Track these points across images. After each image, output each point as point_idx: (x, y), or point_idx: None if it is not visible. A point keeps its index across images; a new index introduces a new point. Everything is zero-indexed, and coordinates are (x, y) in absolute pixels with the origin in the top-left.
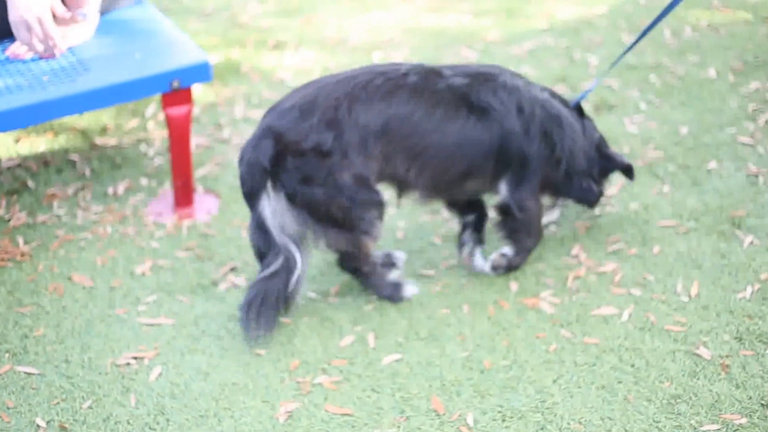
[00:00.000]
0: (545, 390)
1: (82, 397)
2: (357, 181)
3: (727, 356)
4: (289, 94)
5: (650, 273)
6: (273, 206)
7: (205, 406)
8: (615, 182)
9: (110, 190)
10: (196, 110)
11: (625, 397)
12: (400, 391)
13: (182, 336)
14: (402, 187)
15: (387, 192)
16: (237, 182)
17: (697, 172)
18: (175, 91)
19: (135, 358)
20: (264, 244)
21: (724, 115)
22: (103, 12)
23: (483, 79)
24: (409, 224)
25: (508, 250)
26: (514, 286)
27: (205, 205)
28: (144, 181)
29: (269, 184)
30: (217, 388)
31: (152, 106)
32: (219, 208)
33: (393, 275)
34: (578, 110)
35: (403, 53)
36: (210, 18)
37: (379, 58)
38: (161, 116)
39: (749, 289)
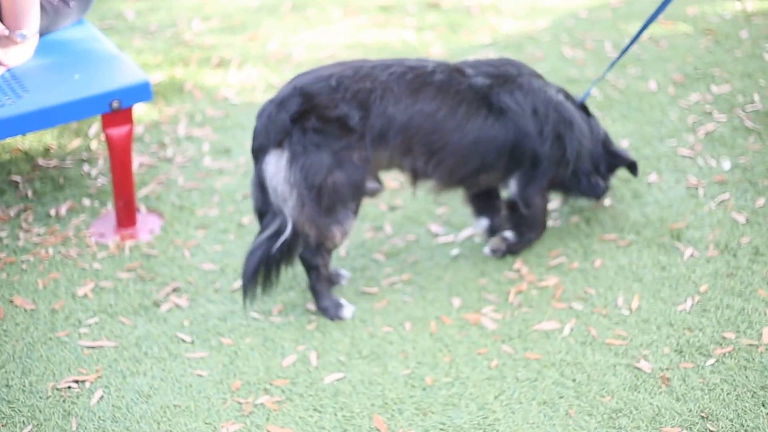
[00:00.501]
0: (487, 406)
1: (23, 422)
2: (362, 164)
3: (667, 369)
4: (325, 66)
5: (591, 287)
6: (275, 164)
7: (147, 429)
8: (555, 197)
9: (52, 212)
10: (139, 129)
11: (566, 412)
12: (342, 410)
13: (124, 358)
14: (417, 176)
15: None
16: (180, 201)
17: (638, 185)
18: (115, 112)
19: (76, 381)
20: (264, 204)
21: (664, 127)
22: (43, 33)
23: (503, 80)
24: (351, 242)
25: (509, 234)
26: (456, 302)
27: (147, 225)
28: (87, 202)
29: (278, 142)
30: (159, 410)
31: (95, 126)
32: (162, 228)
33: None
34: (584, 109)
35: None
36: (154, 36)
37: None
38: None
39: (689, 302)
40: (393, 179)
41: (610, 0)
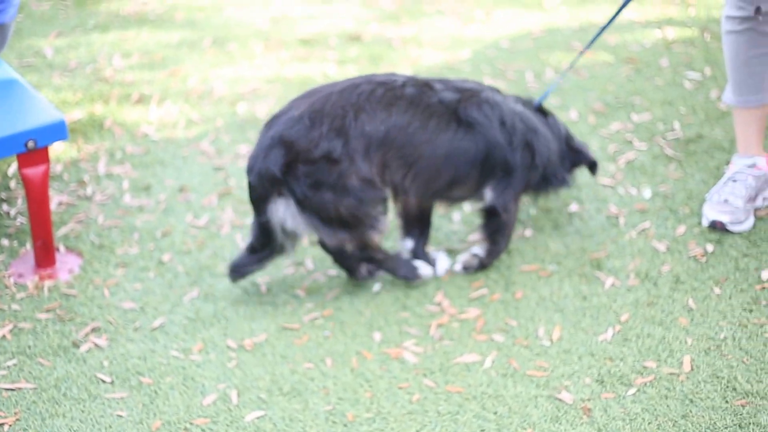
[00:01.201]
0: None
1: None
2: (363, 182)
3: (588, 399)
4: (292, 103)
5: (512, 318)
6: (284, 211)
7: None
8: (475, 230)
9: None
10: (58, 167)
11: None
12: None
13: (43, 400)
14: (397, 191)
15: None
16: (99, 240)
17: (558, 215)
18: (30, 152)
19: None
20: (261, 244)
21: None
22: None
23: (469, 94)
24: (272, 278)
25: (479, 250)
26: (377, 336)
27: (67, 265)
28: (5, 242)
29: (277, 191)
30: None
31: (14, 165)
32: (81, 267)
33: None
34: (540, 110)
35: (268, 104)
36: (73, 73)
37: (243, 109)
38: None
39: (610, 331)
40: None
41: (531, 30)
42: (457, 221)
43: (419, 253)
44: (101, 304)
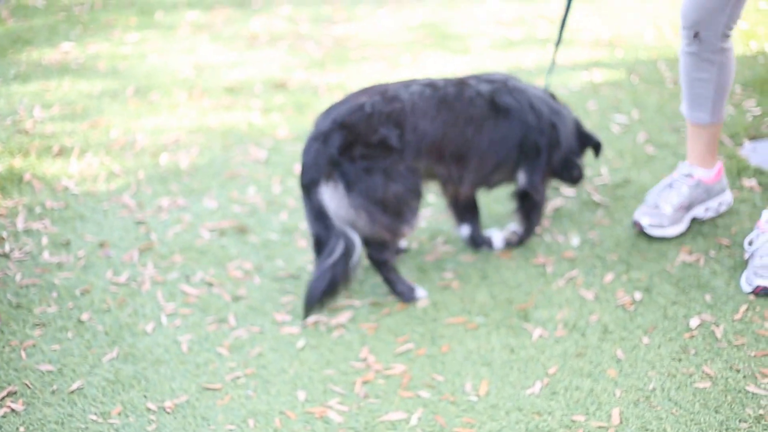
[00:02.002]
0: None
1: None
2: (411, 173)
3: None
4: (349, 96)
5: (439, 373)
6: (332, 195)
7: None
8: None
9: None
10: None
11: None
12: None
13: None
14: (451, 182)
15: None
16: (17, 299)
17: (485, 265)
18: None
19: None
20: (324, 232)
21: (511, 204)
22: None
23: (500, 84)
24: (193, 336)
25: (516, 227)
26: (301, 395)
27: None
28: None
29: (329, 174)
30: None
31: None
32: None
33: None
34: (553, 98)
35: (190, 154)
36: None
37: (166, 160)
38: None
39: (538, 385)
40: (236, 268)
41: (458, 74)
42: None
43: (476, 236)
44: (18, 366)
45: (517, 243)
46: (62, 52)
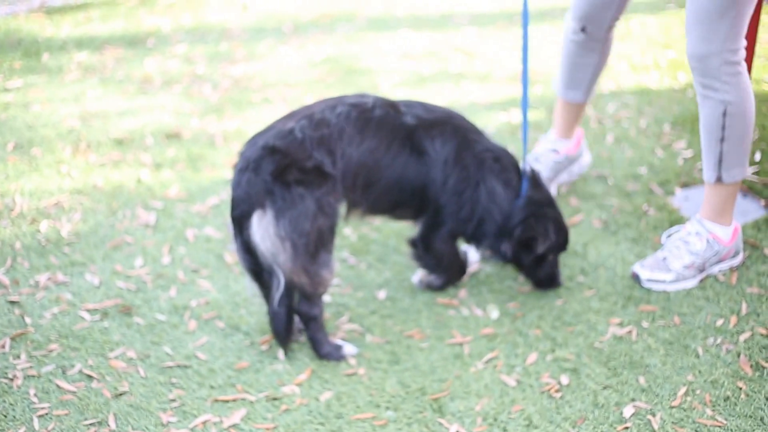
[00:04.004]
0: None
1: None
2: (336, 206)
3: None
4: (275, 123)
5: None
6: (259, 223)
7: None
8: (304, 370)
9: None
10: None
11: None
12: None
13: None
14: (351, 205)
15: None
16: None
17: (396, 346)
18: None
19: None
20: (254, 264)
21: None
22: None
23: (430, 123)
24: None
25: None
26: None
27: None
28: None
29: (262, 204)
30: None
31: None
32: None
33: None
34: (533, 179)
35: (73, 220)
36: None
37: (46, 227)
38: None
39: None
40: (119, 357)
41: None
42: None
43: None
44: None
45: (427, 286)
46: None
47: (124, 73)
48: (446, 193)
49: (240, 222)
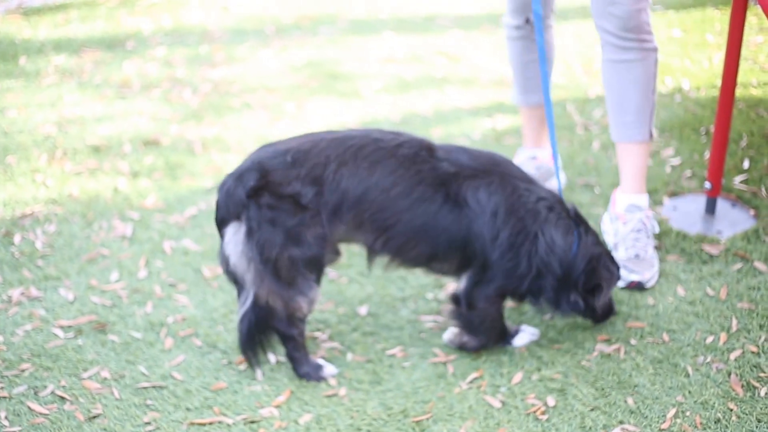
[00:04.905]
0: None
1: None
2: (317, 240)
3: None
4: (287, 139)
5: None
6: (232, 236)
7: None
8: (283, 391)
9: None
10: None
11: None
12: None
13: None
14: (370, 252)
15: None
16: None
17: (377, 365)
18: None
19: None
20: (229, 272)
21: (408, 286)
22: None
23: (472, 172)
24: None
25: (467, 337)
26: None
27: None
28: None
29: (238, 215)
30: None
31: None
32: None
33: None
34: (576, 217)
35: (47, 231)
36: None
37: (20, 240)
38: None
39: None
40: (93, 377)
41: (347, 123)
42: None
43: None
44: None
45: (458, 346)
46: None
47: (102, 76)
48: (498, 248)
49: (220, 227)
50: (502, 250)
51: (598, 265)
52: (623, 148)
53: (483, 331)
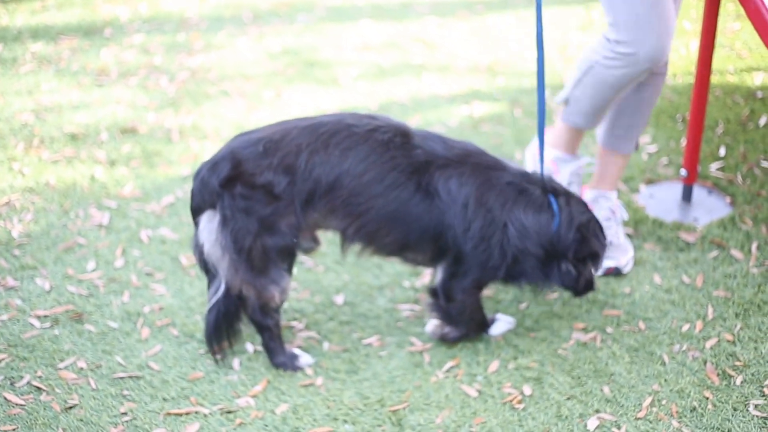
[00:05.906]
0: None
1: None
2: (291, 229)
3: None
4: (261, 128)
5: None
6: (207, 225)
7: None
8: (260, 380)
9: None
10: None
11: None
12: None
13: None
14: (343, 239)
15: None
16: None
17: (354, 355)
18: None
19: None
20: (202, 260)
21: (384, 274)
22: None
23: (445, 162)
24: None
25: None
26: None
27: None
28: None
29: (212, 204)
30: None
31: None
32: None
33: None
34: (553, 190)
35: (24, 220)
36: None
37: None
38: None
39: None
40: (69, 368)
41: (325, 111)
42: None
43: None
44: None
45: (440, 338)
46: None
47: (79, 64)
48: (471, 240)
49: (194, 216)
50: (474, 242)
51: (588, 233)
52: (607, 153)
53: (463, 322)
